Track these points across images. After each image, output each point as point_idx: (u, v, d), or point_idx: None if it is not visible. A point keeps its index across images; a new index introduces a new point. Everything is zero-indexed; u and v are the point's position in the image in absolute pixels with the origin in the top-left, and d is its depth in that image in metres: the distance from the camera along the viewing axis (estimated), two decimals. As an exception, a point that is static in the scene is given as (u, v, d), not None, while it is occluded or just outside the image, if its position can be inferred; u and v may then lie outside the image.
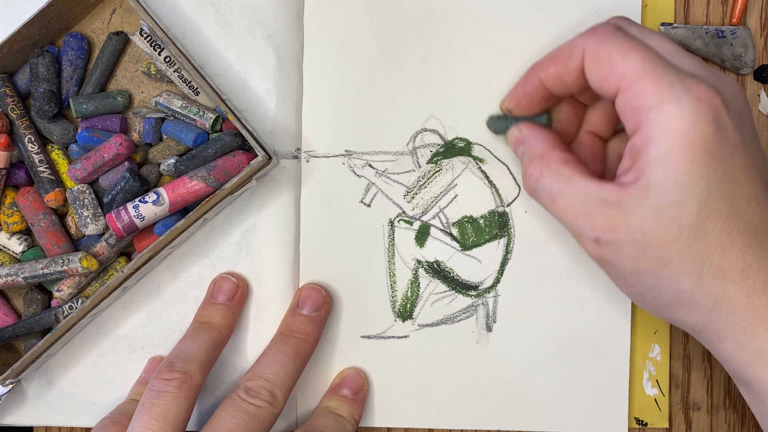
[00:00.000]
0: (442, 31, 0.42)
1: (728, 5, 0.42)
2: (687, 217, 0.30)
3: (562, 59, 0.35)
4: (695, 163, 0.30)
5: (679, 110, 0.30)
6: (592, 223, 0.32)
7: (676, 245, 0.31)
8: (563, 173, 0.34)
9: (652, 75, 0.31)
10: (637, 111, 0.31)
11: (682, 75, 0.31)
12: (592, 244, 0.33)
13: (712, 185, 0.30)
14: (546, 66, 0.36)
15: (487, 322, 0.42)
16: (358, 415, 0.41)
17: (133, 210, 0.38)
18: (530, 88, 0.37)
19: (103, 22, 0.42)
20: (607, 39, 0.33)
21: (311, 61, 0.42)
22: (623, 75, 0.32)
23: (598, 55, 0.33)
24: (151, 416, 0.35)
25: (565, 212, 0.34)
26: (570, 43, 0.34)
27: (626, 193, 0.31)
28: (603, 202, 0.32)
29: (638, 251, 0.32)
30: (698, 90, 0.30)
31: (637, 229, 0.31)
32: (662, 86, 0.31)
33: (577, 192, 0.33)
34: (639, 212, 0.31)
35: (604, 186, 0.32)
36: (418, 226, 0.42)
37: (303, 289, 0.41)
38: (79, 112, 0.40)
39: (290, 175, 0.41)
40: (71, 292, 0.40)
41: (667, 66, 0.31)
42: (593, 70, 0.33)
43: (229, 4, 0.41)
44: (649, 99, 0.31)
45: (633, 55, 0.32)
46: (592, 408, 0.41)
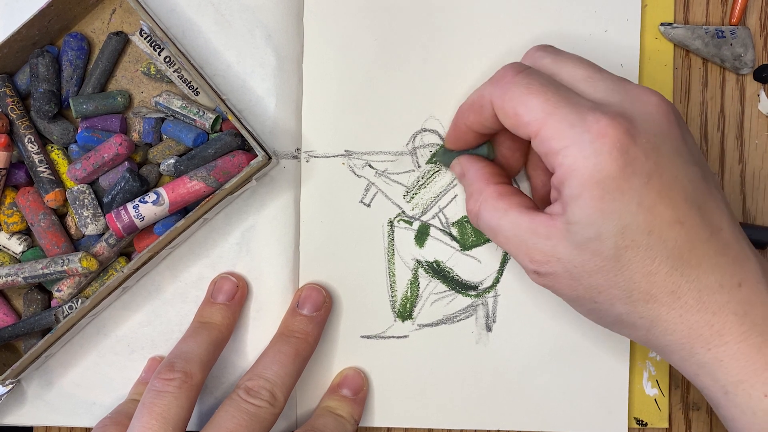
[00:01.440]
0: (442, 31, 0.42)
1: (728, 5, 0.42)
2: (606, 250, 0.31)
3: (477, 110, 0.36)
4: (605, 199, 0.30)
5: (581, 152, 0.31)
6: (530, 256, 0.33)
7: (603, 275, 0.32)
8: (498, 207, 0.35)
9: (553, 119, 0.32)
10: (548, 156, 0.32)
11: (583, 112, 0.31)
12: (534, 275, 0.34)
13: (626, 218, 0.31)
14: (466, 115, 0.37)
15: (486, 322, 0.42)
16: (358, 415, 0.41)
17: (133, 210, 0.38)
18: (460, 132, 0.38)
19: (103, 22, 0.42)
20: (507, 89, 0.33)
21: (311, 61, 0.42)
22: (529, 124, 0.32)
23: (503, 108, 0.34)
24: (151, 416, 0.35)
25: (506, 245, 0.35)
26: (479, 92, 0.35)
27: (554, 226, 0.32)
28: (535, 234, 0.33)
29: (572, 281, 0.33)
30: (599, 126, 0.31)
31: (567, 261, 0.32)
32: (564, 128, 0.31)
33: (513, 225, 0.34)
34: (565, 246, 0.32)
35: (535, 218, 0.33)
36: (417, 226, 0.42)
37: (303, 289, 0.41)
38: (79, 112, 0.40)
39: (290, 175, 0.41)
40: (71, 292, 0.40)
41: (567, 105, 0.32)
42: (504, 121, 0.34)
43: (229, 4, 0.41)
44: (554, 144, 0.32)
45: (532, 102, 0.32)
46: (592, 408, 0.41)
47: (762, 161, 0.42)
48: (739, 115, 0.42)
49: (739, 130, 0.42)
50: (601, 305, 0.33)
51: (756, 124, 0.42)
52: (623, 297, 0.32)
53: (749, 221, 0.42)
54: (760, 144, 0.42)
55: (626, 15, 0.41)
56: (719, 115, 0.42)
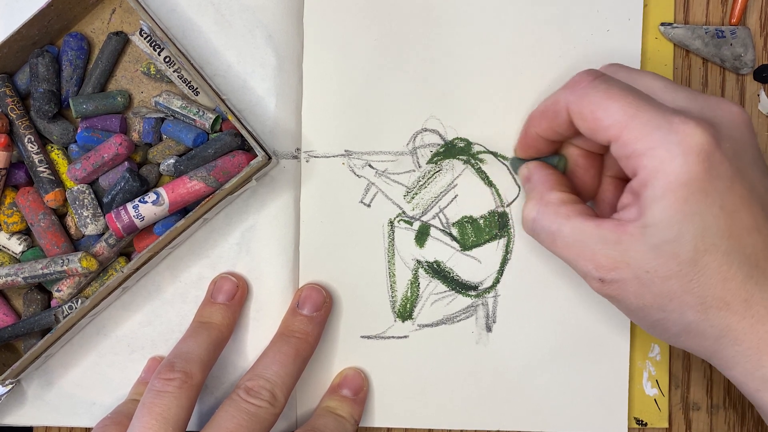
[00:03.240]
0: (442, 30, 0.42)
1: (728, 5, 0.42)
2: (685, 253, 0.31)
3: (550, 116, 0.35)
4: (689, 201, 0.30)
5: (668, 153, 0.31)
6: (595, 262, 0.33)
7: (678, 280, 0.31)
8: (560, 213, 0.34)
9: (636, 121, 0.31)
10: (630, 158, 0.32)
11: (667, 115, 0.31)
12: (597, 283, 0.33)
13: (708, 221, 0.30)
14: (538, 122, 0.36)
15: (486, 322, 0.42)
16: (358, 415, 0.41)
17: (133, 210, 0.38)
18: (530, 139, 0.38)
19: (103, 22, 0.42)
20: (585, 94, 0.33)
21: (311, 61, 0.42)
22: (609, 127, 0.32)
23: (581, 113, 0.33)
24: (151, 416, 0.35)
25: (566, 252, 0.34)
26: (553, 99, 0.35)
27: (624, 231, 0.32)
28: (603, 240, 0.32)
29: (642, 287, 0.32)
30: (685, 128, 0.31)
31: (638, 267, 0.32)
32: (649, 131, 0.31)
33: (575, 231, 0.33)
34: (638, 250, 0.31)
35: (602, 224, 0.33)
36: (418, 226, 0.42)
37: (303, 289, 0.41)
38: (78, 112, 0.40)
39: (290, 175, 0.41)
40: (71, 292, 0.40)
41: (651, 108, 0.32)
42: (581, 126, 0.34)
43: (229, 4, 0.41)
44: (638, 146, 0.31)
45: (614, 105, 0.32)
46: (592, 408, 0.41)
47: (762, 161, 0.42)
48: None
49: (739, 130, 0.42)
50: (670, 314, 0.32)
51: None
52: (696, 304, 0.31)
53: None
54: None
55: (628, 15, 0.41)
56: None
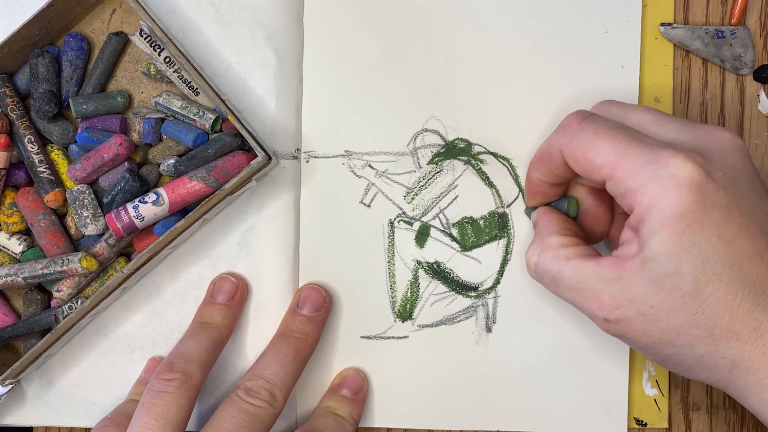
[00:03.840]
0: (442, 31, 0.42)
1: (728, 5, 0.42)
2: (686, 286, 0.31)
3: (547, 161, 0.36)
4: (685, 233, 0.30)
5: (660, 187, 0.31)
6: (598, 302, 0.33)
7: (683, 314, 0.31)
8: (559, 255, 0.35)
9: (627, 159, 0.32)
10: (625, 195, 0.32)
11: (657, 149, 0.31)
12: (604, 324, 0.33)
13: (707, 251, 0.30)
14: (537, 167, 0.37)
15: (486, 322, 0.42)
16: (358, 415, 0.41)
17: (133, 210, 0.38)
18: (534, 187, 0.38)
19: (103, 22, 0.42)
20: (576, 136, 0.33)
21: (311, 61, 0.42)
22: (601, 167, 0.32)
23: (573, 154, 0.34)
24: (151, 416, 0.35)
25: (570, 294, 0.34)
26: (547, 144, 0.36)
27: (624, 267, 0.32)
28: (603, 279, 0.32)
29: (648, 324, 0.32)
30: (675, 161, 0.31)
31: (642, 303, 0.31)
32: (639, 167, 0.31)
33: (576, 273, 0.33)
34: (640, 285, 0.31)
35: (601, 262, 0.33)
36: (418, 226, 0.42)
37: (303, 289, 0.41)
38: (78, 113, 0.40)
39: (290, 175, 0.41)
40: (71, 293, 0.40)
41: (640, 144, 0.32)
42: (576, 168, 0.34)
43: (229, 4, 0.41)
44: (631, 183, 0.31)
45: (603, 145, 0.32)
46: (591, 408, 0.41)
47: (762, 161, 0.42)
48: (739, 115, 0.42)
49: (739, 130, 0.42)
50: (680, 349, 0.32)
51: (756, 124, 0.42)
52: (704, 336, 0.31)
53: None
54: (760, 144, 0.42)
55: (627, 16, 0.41)
56: (719, 115, 0.42)
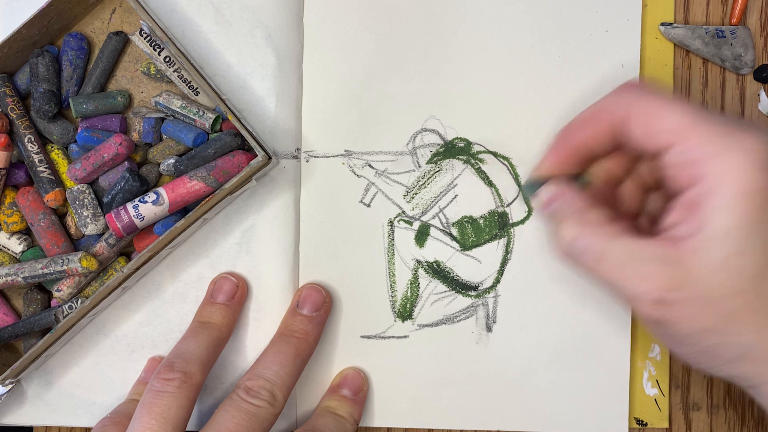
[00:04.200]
0: (442, 30, 0.42)
1: (728, 5, 0.42)
2: (752, 268, 0.30)
3: (596, 121, 0.34)
4: (753, 213, 0.29)
5: (735, 162, 0.30)
6: (650, 283, 0.31)
7: (744, 297, 0.30)
8: (607, 231, 0.32)
9: (699, 127, 0.31)
10: (695, 164, 0.31)
11: (729, 126, 0.30)
12: (652, 306, 0.31)
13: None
14: (578, 130, 0.34)
15: (487, 322, 0.42)
16: (358, 415, 0.41)
17: (133, 210, 0.38)
18: (566, 151, 0.35)
19: (103, 22, 0.42)
20: (640, 97, 0.32)
21: (311, 61, 0.42)
22: (673, 129, 0.31)
23: (636, 115, 0.32)
24: (151, 416, 0.35)
25: (612, 274, 0.32)
26: (599, 106, 0.34)
27: (684, 247, 0.30)
28: (659, 259, 0.31)
29: (703, 308, 0.30)
30: (750, 141, 0.30)
31: (703, 284, 0.30)
32: (715, 138, 0.30)
33: (627, 250, 0.31)
34: (703, 265, 0.30)
35: (656, 242, 0.31)
36: (417, 226, 0.42)
37: (303, 289, 0.41)
38: (78, 112, 0.40)
39: (290, 175, 0.41)
40: (71, 292, 0.40)
41: (712, 116, 0.31)
42: (639, 127, 0.32)
43: (229, 4, 0.41)
44: (705, 150, 0.30)
45: (672, 109, 0.31)
46: (592, 408, 0.41)
47: (762, 161, 0.42)
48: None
49: (740, 130, 0.42)
50: (727, 337, 0.31)
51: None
52: (757, 323, 0.30)
53: None
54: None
55: (627, 15, 0.41)
56: (719, 115, 0.42)
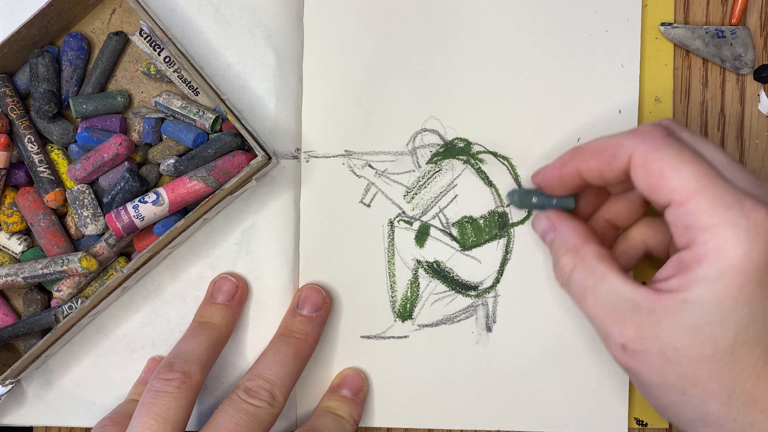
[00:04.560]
0: (442, 31, 0.42)
1: (728, 5, 0.42)
2: (723, 339, 0.29)
3: (606, 158, 0.33)
4: (744, 289, 0.29)
5: (735, 237, 0.29)
6: (621, 327, 0.31)
7: (708, 365, 0.30)
8: (597, 269, 0.33)
9: (707, 194, 0.30)
10: (691, 229, 0.30)
11: (739, 196, 0.30)
12: (619, 350, 0.32)
13: (756, 313, 0.29)
14: (587, 159, 0.34)
15: (486, 322, 0.42)
16: (358, 415, 0.41)
17: (133, 210, 0.38)
18: (566, 174, 0.36)
19: (103, 22, 0.42)
20: (658, 148, 0.31)
21: (311, 61, 0.42)
22: (676, 190, 0.30)
23: (648, 165, 0.31)
24: (150, 416, 0.35)
25: (594, 310, 0.33)
26: (615, 142, 0.33)
27: (661, 302, 0.30)
28: (635, 306, 0.31)
29: (666, 365, 0.31)
30: (757, 216, 0.29)
31: (667, 342, 0.30)
32: (719, 208, 0.29)
33: (610, 291, 0.32)
34: (673, 324, 0.30)
35: (638, 289, 0.31)
36: (417, 226, 0.42)
37: (303, 289, 0.41)
38: (78, 112, 0.40)
39: (290, 175, 0.41)
40: (71, 292, 0.40)
41: (723, 184, 0.30)
42: (642, 180, 0.32)
43: (229, 4, 0.41)
44: (704, 219, 0.30)
45: (687, 169, 0.30)
46: (592, 408, 0.41)
47: (762, 161, 0.42)
48: (739, 115, 0.42)
49: (739, 130, 0.42)
50: (690, 398, 0.31)
51: (756, 124, 0.42)
52: (721, 394, 0.30)
53: None
54: (760, 144, 0.42)
55: (626, 15, 0.41)
56: (719, 115, 0.42)
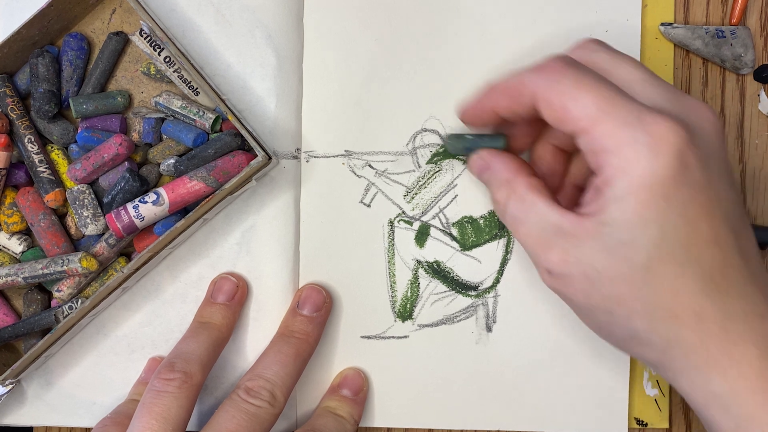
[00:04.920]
0: (441, 30, 0.42)
1: (728, 5, 0.42)
2: (638, 258, 0.30)
3: (513, 96, 0.34)
4: (650, 206, 0.29)
5: (635, 153, 0.29)
6: (547, 252, 0.32)
7: (628, 285, 0.30)
8: (527, 199, 0.34)
9: (608, 117, 0.30)
10: (598, 154, 0.31)
11: (642, 112, 0.30)
12: (546, 275, 0.33)
13: (666, 229, 0.29)
14: (497, 98, 0.35)
15: (487, 322, 0.42)
16: (358, 415, 0.41)
17: (133, 210, 0.38)
18: (483, 111, 0.36)
19: (103, 22, 0.42)
20: (557, 81, 0.32)
21: (311, 61, 0.42)
22: (578, 119, 0.31)
23: (548, 99, 0.32)
24: (151, 416, 0.35)
25: (525, 239, 0.33)
26: (518, 81, 0.33)
27: (582, 225, 0.31)
28: (560, 231, 0.32)
29: (590, 287, 0.31)
30: (658, 129, 0.29)
31: (589, 264, 0.31)
32: (620, 128, 0.30)
33: (539, 219, 0.33)
34: (592, 247, 0.31)
35: (563, 215, 0.32)
36: (417, 226, 0.42)
37: (303, 289, 0.41)
38: (79, 112, 0.40)
39: (290, 175, 0.41)
40: (71, 293, 0.40)
41: (624, 104, 0.30)
42: (548, 115, 0.32)
43: (229, 4, 0.41)
44: (606, 143, 0.30)
45: (586, 97, 0.31)
46: (592, 408, 0.41)
47: (762, 161, 0.42)
48: (739, 115, 0.42)
49: (739, 130, 0.42)
50: (616, 318, 0.31)
51: (756, 124, 0.42)
52: (644, 311, 0.31)
53: (749, 221, 0.42)
54: (760, 144, 0.42)
55: (626, 15, 0.41)
56: (719, 115, 0.42)
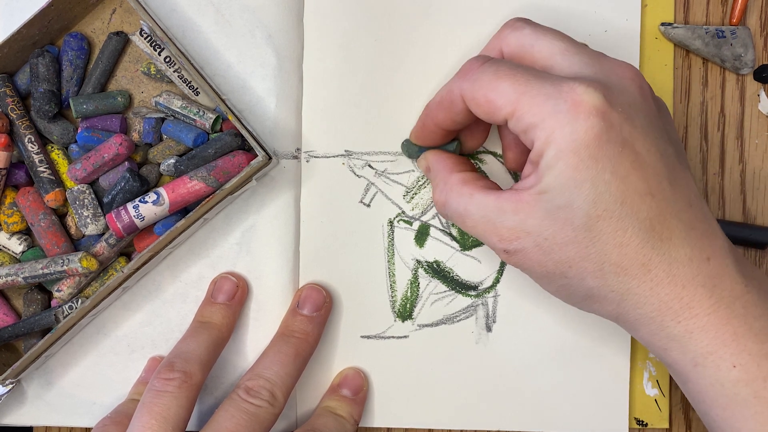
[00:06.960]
0: (441, 30, 0.42)
1: (728, 5, 0.42)
2: (578, 220, 0.31)
3: (447, 107, 0.36)
4: (579, 168, 0.31)
5: (557, 122, 0.31)
6: (498, 234, 0.33)
7: (574, 246, 0.32)
8: (464, 192, 0.35)
9: (527, 95, 0.32)
10: (526, 132, 0.32)
11: (559, 83, 0.32)
12: (504, 255, 0.34)
13: (599, 187, 0.31)
14: (435, 113, 0.37)
15: (486, 322, 0.42)
16: (358, 415, 0.41)
17: (133, 210, 0.38)
18: (428, 130, 0.38)
19: (103, 22, 0.42)
20: (476, 79, 0.34)
21: (311, 61, 0.42)
22: (503, 106, 0.33)
23: (474, 98, 0.34)
24: (151, 416, 0.35)
25: (475, 229, 0.35)
26: (447, 88, 0.36)
27: (521, 199, 0.32)
28: (502, 211, 0.33)
29: (542, 255, 0.33)
30: (575, 94, 0.31)
31: (537, 234, 0.32)
32: (539, 103, 0.32)
33: (480, 207, 0.34)
34: (536, 217, 0.32)
35: (501, 196, 0.33)
36: (417, 226, 0.42)
37: (303, 289, 0.41)
38: (79, 112, 0.40)
39: (290, 175, 0.41)
40: (71, 292, 0.40)
41: (540, 80, 0.32)
42: (478, 112, 0.34)
43: (229, 4, 0.41)
44: (530, 119, 0.32)
45: (503, 84, 0.33)
46: (592, 408, 0.41)
47: (762, 161, 0.42)
48: (739, 115, 0.42)
49: (739, 130, 0.42)
50: (571, 280, 0.33)
51: (756, 124, 0.42)
52: (594, 270, 0.32)
53: (749, 221, 0.42)
54: (760, 144, 0.42)
55: (626, 15, 0.41)
56: (719, 115, 0.42)
